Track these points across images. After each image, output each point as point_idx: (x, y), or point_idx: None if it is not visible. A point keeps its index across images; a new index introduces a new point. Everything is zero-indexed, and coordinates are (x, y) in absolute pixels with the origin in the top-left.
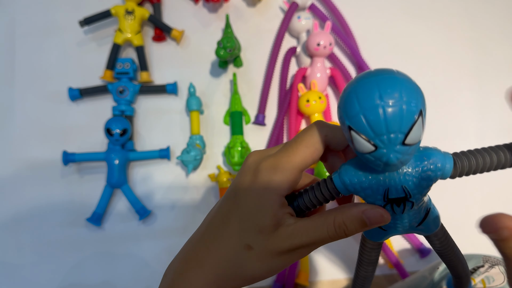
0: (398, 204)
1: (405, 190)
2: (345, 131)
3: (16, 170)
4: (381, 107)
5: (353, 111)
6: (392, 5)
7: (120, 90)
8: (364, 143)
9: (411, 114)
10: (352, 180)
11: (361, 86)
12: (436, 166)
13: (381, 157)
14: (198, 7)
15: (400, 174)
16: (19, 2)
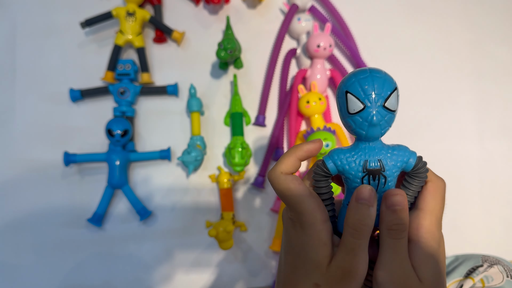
0: (374, 178)
1: (381, 162)
2: (341, 99)
3: (17, 171)
4: (370, 76)
5: (350, 81)
6: (392, 7)
7: (121, 91)
8: (356, 102)
9: (390, 85)
10: (339, 157)
11: (357, 70)
12: (405, 152)
13: (367, 116)
14: (199, 8)
15: (377, 149)
16: (20, 4)
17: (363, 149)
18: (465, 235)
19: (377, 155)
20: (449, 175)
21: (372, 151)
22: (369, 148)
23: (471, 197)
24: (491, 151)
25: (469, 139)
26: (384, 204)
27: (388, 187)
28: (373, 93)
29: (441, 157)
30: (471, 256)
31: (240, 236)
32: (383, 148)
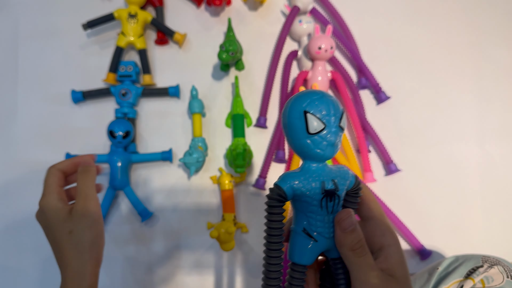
0: (330, 198)
1: (335, 182)
2: (299, 120)
3: (19, 172)
4: (324, 97)
5: (307, 100)
6: (393, 9)
7: (123, 92)
8: (317, 122)
9: (340, 106)
10: (296, 180)
11: (307, 91)
12: (348, 172)
13: (326, 136)
14: (200, 10)
15: (328, 170)
16: (23, 5)
17: (317, 171)
18: (465, 235)
19: (330, 176)
20: (450, 176)
21: (326, 172)
22: (322, 170)
23: (471, 198)
24: (492, 153)
25: (470, 141)
26: (339, 228)
27: (340, 206)
28: (331, 113)
29: (442, 159)
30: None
31: (241, 238)
32: (332, 169)
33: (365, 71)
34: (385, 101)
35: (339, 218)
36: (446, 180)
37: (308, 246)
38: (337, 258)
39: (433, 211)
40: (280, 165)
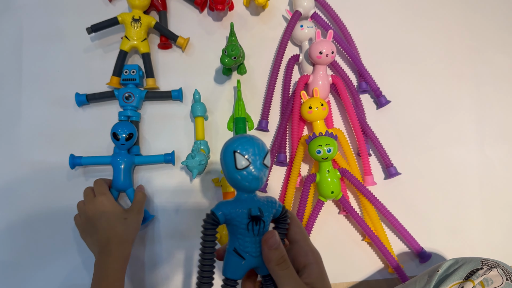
0: (256, 223)
1: (260, 210)
2: (229, 158)
3: (23, 174)
4: (251, 140)
5: (236, 143)
6: (393, 14)
7: (126, 96)
8: (242, 159)
9: (265, 148)
10: (227, 208)
11: (239, 136)
12: (275, 202)
13: (251, 171)
14: (203, 15)
15: (255, 199)
16: (27, 9)
17: (246, 200)
18: (465, 238)
19: (257, 204)
20: (449, 179)
21: (253, 201)
22: (250, 199)
23: (471, 202)
24: (491, 156)
25: (469, 144)
26: (266, 246)
27: (266, 229)
28: (256, 153)
29: (442, 162)
30: (470, 259)
31: None
32: (260, 199)
33: (365, 75)
34: (386, 105)
35: (265, 237)
36: (445, 183)
37: (238, 264)
38: (267, 275)
39: (432, 214)
40: (282, 168)
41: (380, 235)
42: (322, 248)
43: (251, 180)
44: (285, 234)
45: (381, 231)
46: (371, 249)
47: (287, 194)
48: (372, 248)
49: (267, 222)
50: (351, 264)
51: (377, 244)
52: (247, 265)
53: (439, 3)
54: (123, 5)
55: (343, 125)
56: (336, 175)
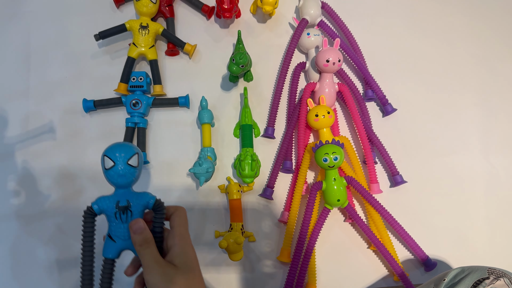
0: (123, 212)
1: (128, 202)
2: (101, 160)
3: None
4: (119, 145)
5: (107, 148)
6: (399, 23)
7: (134, 102)
8: (109, 161)
9: (132, 150)
10: (101, 201)
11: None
12: (146, 196)
13: (115, 171)
14: (210, 22)
15: (127, 193)
16: (34, 15)
17: (118, 194)
18: (470, 247)
19: (126, 197)
20: (455, 188)
21: (123, 194)
22: (121, 193)
23: (476, 210)
24: (496, 165)
25: (474, 153)
26: (131, 231)
27: (134, 217)
28: (120, 155)
29: (447, 171)
30: (477, 268)
31: (249, 247)
32: (132, 193)
33: (371, 84)
34: (392, 113)
35: (130, 224)
36: (451, 192)
37: (111, 246)
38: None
39: (438, 222)
40: (288, 175)
41: (385, 243)
42: (327, 255)
43: (117, 177)
44: (163, 222)
45: (386, 239)
46: (376, 257)
47: (293, 201)
48: (378, 256)
49: (135, 211)
50: (356, 272)
51: (383, 252)
52: (119, 246)
53: (445, 13)
54: (130, 11)
55: (349, 133)
56: (343, 183)
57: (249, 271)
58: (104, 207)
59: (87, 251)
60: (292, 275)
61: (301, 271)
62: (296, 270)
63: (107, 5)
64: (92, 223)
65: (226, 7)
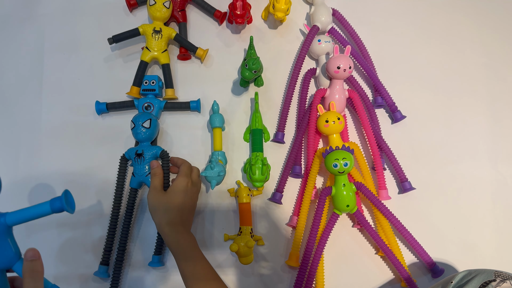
0: (139, 157)
1: (143, 151)
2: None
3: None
4: (138, 114)
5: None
6: (408, 31)
7: (146, 106)
8: (131, 124)
9: (146, 116)
10: (129, 151)
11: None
12: (155, 149)
13: (135, 130)
14: (222, 27)
15: (144, 145)
16: (49, 17)
17: (140, 146)
18: (477, 254)
19: (143, 148)
20: (463, 195)
21: (141, 146)
22: (140, 145)
23: (484, 218)
24: (504, 173)
25: (482, 161)
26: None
27: (147, 161)
28: (138, 120)
29: (455, 178)
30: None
31: (257, 250)
32: (147, 146)
33: (381, 90)
34: (401, 120)
35: (151, 165)
36: (459, 199)
37: (133, 179)
38: None
39: (446, 229)
40: (297, 180)
41: (393, 249)
42: (335, 260)
43: (136, 134)
44: (169, 166)
45: (394, 245)
46: (384, 262)
47: (302, 206)
48: (385, 261)
49: (147, 158)
50: (364, 277)
51: (391, 258)
52: (137, 179)
53: (454, 21)
54: (143, 15)
55: (358, 139)
56: (352, 188)
57: (258, 275)
58: (130, 154)
59: (120, 184)
60: (300, 280)
61: (309, 275)
62: (304, 275)
63: (120, 9)
64: (125, 165)
65: (238, 13)
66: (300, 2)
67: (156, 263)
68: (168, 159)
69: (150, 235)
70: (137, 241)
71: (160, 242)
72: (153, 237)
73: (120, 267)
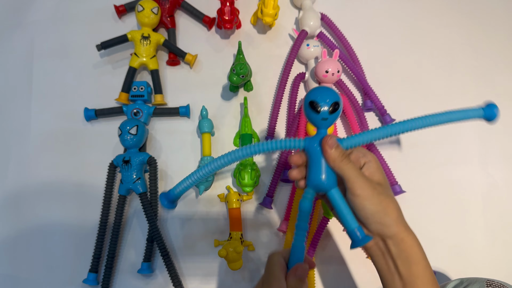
0: (126, 164)
1: (130, 157)
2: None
3: (30, 187)
4: (125, 121)
5: (121, 123)
6: (397, 34)
7: (135, 112)
8: (119, 130)
9: (133, 122)
10: (116, 158)
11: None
12: (143, 154)
13: (122, 136)
14: (211, 33)
15: (132, 152)
16: (38, 24)
17: (126, 153)
18: (468, 258)
19: (130, 155)
20: (453, 199)
21: (128, 153)
22: (128, 152)
23: (475, 222)
24: (495, 176)
25: (473, 164)
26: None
27: (133, 169)
28: (125, 126)
29: (446, 181)
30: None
31: (248, 256)
32: (135, 152)
33: (370, 94)
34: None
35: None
36: (449, 203)
37: (121, 186)
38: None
39: (436, 233)
40: (287, 185)
41: None
42: (325, 265)
43: (123, 141)
44: (156, 173)
45: None
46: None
47: (292, 210)
48: None
49: (134, 165)
50: (356, 282)
51: None
52: (125, 186)
53: (443, 24)
54: (132, 22)
55: None
56: None
57: (248, 280)
58: (117, 161)
59: (108, 191)
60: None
61: None
62: None
63: (109, 15)
64: (114, 172)
65: (227, 18)
66: (289, 6)
67: (146, 270)
68: (155, 165)
69: (139, 242)
70: (126, 248)
71: (150, 249)
72: (142, 244)
73: (109, 275)
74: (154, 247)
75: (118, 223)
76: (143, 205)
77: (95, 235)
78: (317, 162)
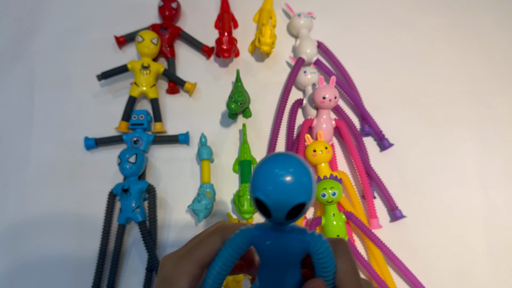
0: (125, 193)
1: (129, 186)
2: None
3: (30, 218)
4: (125, 149)
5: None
6: (393, 60)
7: (135, 140)
8: (118, 159)
9: (132, 151)
10: (116, 186)
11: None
12: (142, 182)
13: (121, 165)
14: (210, 61)
15: (131, 180)
16: (40, 55)
17: (125, 182)
18: (471, 282)
19: (129, 183)
20: (454, 223)
21: (127, 182)
22: (127, 180)
23: (476, 245)
24: (495, 199)
25: (473, 187)
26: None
27: (132, 197)
28: (124, 155)
29: (446, 205)
30: None
31: (247, 284)
32: (134, 181)
33: (368, 119)
34: (389, 148)
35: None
36: (451, 226)
37: (120, 215)
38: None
39: (438, 257)
40: None
41: (387, 280)
42: None
43: (122, 169)
44: (155, 204)
45: (388, 276)
46: None
47: None
48: None
49: (133, 193)
50: None
51: None
52: (124, 215)
53: (439, 49)
54: (132, 52)
55: (347, 167)
56: (342, 218)
57: None
58: (116, 190)
59: (107, 220)
60: None
61: None
62: None
63: (109, 46)
64: (113, 201)
65: (225, 48)
66: (286, 35)
67: None
68: (154, 193)
69: (139, 271)
70: (125, 278)
71: (149, 279)
72: (142, 273)
73: None
74: (153, 276)
75: (117, 253)
76: (142, 234)
77: (94, 265)
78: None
